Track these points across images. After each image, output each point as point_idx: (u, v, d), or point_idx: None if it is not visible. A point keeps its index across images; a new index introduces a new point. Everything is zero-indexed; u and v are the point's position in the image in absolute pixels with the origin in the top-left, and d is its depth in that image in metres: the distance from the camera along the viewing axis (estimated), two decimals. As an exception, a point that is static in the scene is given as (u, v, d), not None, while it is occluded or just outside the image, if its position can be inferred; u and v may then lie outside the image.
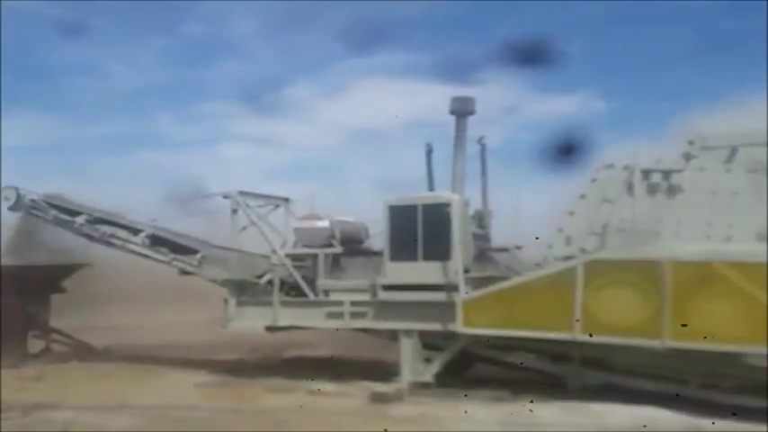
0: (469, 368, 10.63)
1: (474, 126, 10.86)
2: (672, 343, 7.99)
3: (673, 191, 8.61)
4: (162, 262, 11.50)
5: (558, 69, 32.79)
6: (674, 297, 7.97)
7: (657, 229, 8.57)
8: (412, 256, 9.73)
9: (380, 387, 9.42)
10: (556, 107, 34.69)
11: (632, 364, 8.83)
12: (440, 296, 9.53)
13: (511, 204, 11.23)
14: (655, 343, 8.09)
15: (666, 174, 8.61)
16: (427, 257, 9.65)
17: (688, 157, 8.57)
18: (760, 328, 7.58)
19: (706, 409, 8.10)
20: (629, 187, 8.67)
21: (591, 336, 8.40)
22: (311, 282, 10.68)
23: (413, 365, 9.75)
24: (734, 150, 8.36)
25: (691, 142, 8.57)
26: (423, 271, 9.64)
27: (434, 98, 10.67)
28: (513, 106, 33.99)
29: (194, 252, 11.33)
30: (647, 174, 8.68)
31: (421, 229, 9.68)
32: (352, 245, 10.82)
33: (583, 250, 8.95)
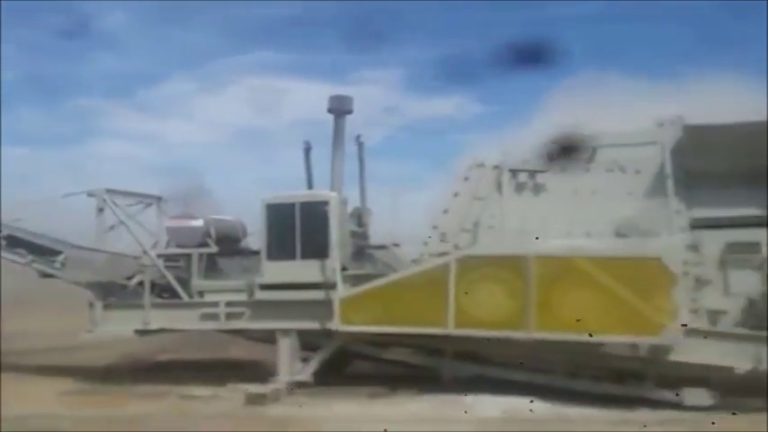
0: (348, 366, 10.68)
1: (356, 126, 10.92)
2: (537, 334, 8.34)
3: (538, 189, 9.02)
4: (20, 264, 10.74)
5: (437, 72, 33.56)
6: (538, 290, 8.33)
7: (524, 225, 8.92)
8: (290, 255, 9.62)
9: (256, 388, 9.23)
10: (435, 108, 35.57)
11: (503, 356, 9.15)
12: (318, 294, 9.48)
13: (390, 202, 11.45)
14: (521, 334, 8.42)
15: (532, 173, 9.00)
16: (305, 256, 9.58)
17: (551, 157, 8.98)
18: (617, 319, 8.06)
19: (571, 398, 8.52)
20: (499, 186, 9.00)
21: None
22: (185, 283, 10.34)
23: (290, 365, 9.64)
24: (593, 151, 8.86)
25: (553, 143, 9.00)
26: (300, 269, 9.56)
27: (318, 96, 10.66)
28: (393, 107, 34.63)
29: (57, 253, 10.66)
30: (514, 173, 9.03)
31: (299, 228, 9.60)
32: (228, 244, 10.57)
33: (456, 247, 9.21)
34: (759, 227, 8.27)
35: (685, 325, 7.91)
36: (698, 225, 8.44)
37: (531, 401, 8.39)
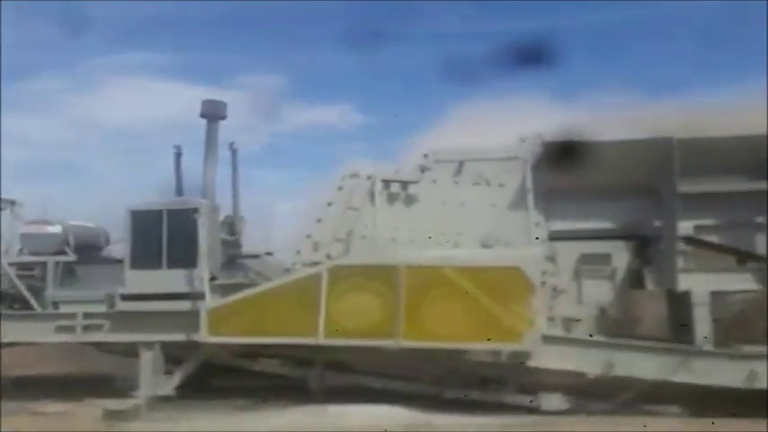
0: (215, 378, 10.39)
1: (236, 132, 10.70)
2: (405, 343, 8.47)
3: (410, 200, 9.19)
4: None
5: (322, 81, 33.58)
6: (407, 300, 8.47)
7: (395, 236, 9.08)
8: (155, 264, 9.29)
9: (114, 404, 8.77)
10: (317, 117, 35.58)
11: (372, 365, 9.22)
12: (184, 305, 9.17)
13: (265, 210, 11.32)
14: (390, 343, 8.52)
15: (404, 184, 9.17)
16: (172, 265, 9.28)
17: (423, 169, 9.21)
18: (480, 327, 8.33)
19: (437, 405, 8.70)
20: (372, 196, 9.10)
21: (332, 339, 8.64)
22: (40, 293, 9.71)
23: (153, 379, 9.27)
24: (461, 165, 9.16)
25: (426, 155, 9.25)
26: (167, 279, 9.24)
27: (194, 100, 10.36)
28: (275, 113, 34.29)
29: None
30: (387, 184, 9.17)
31: (166, 236, 9.30)
32: (88, 252, 10.03)
33: (329, 256, 9.21)
34: (611, 239, 8.85)
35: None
36: (555, 237, 8.91)
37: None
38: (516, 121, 9.92)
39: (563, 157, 8.54)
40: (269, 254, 10.55)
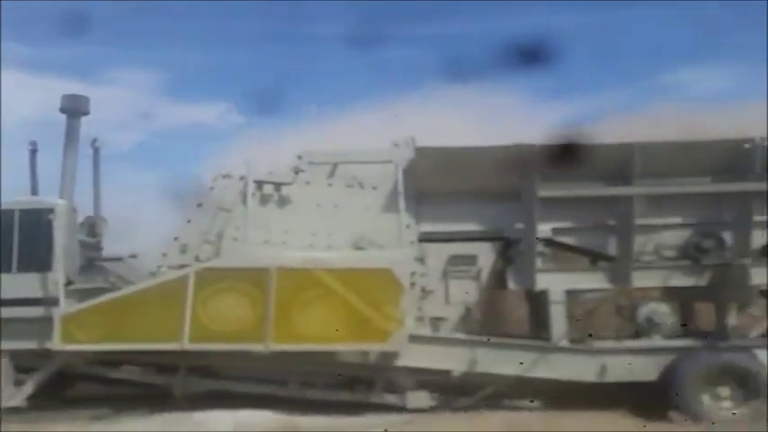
0: (71, 387, 9.83)
1: (109, 128, 10.14)
2: (275, 346, 8.37)
3: (283, 202, 9.08)
4: None
5: (197, 80, 32.48)
6: (278, 302, 8.37)
7: (268, 238, 8.95)
8: (5, 268, 8.69)
9: (-43, 417, 8.13)
10: (194, 116, 34.39)
11: (238, 370, 9.05)
12: (36, 311, 8.62)
13: (131, 212, 10.81)
14: (260, 347, 8.38)
15: (278, 185, 9.04)
16: (23, 268, 8.71)
17: (296, 170, 9.12)
18: (351, 328, 8.38)
19: (305, 407, 8.67)
20: (244, 197, 8.91)
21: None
22: None
23: (2, 389, 8.67)
24: (335, 167, 9.17)
25: (299, 157, 9.18)
26: (17, 283, 8.66)
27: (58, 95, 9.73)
28: (147, 111, 32.80)
29: None
30: (260, 185, 9.00)
31: (17, 237, 8.72)
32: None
33: (197, 258, 8.92)
34: (477, 241, 9.16)
35: None
36: (425, 239, 9.09)
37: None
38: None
39: (434, 161, 8.78)
40: (133, 257, 10.07)
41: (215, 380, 9.12)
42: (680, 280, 8.84)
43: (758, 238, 8.79)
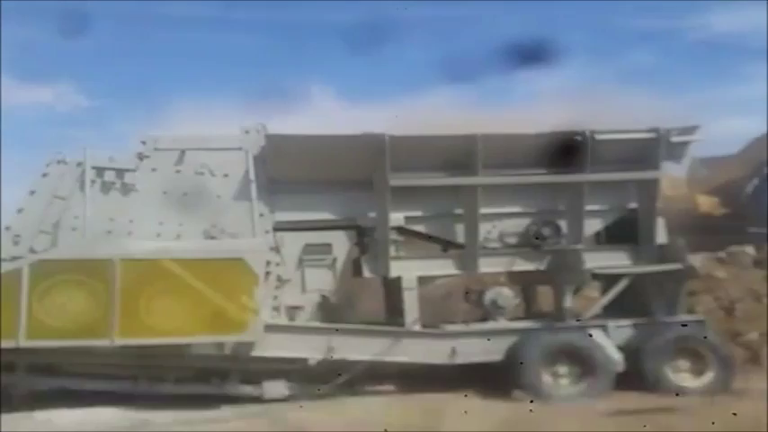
0: None
1: None
2: (120, 341, 8.04)
3: (127, 189, 8.66)
4: None
5: (39, 59, 30.08)
6: (123, 295, 8.03)
7: (111, 227, 8.52)
8: None
9: None
10: (33, 97, 31.88)
11: (84, 366, 8.58)
12: None
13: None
14: (105, 342, 8.03)
15: (120, 172, 8.61)
16: None
17: (141, 157, 8.73)
18: (204, 320, 8.22)
19: (156, 403, 8.38)
20: (82, 184, 8.42)
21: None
22: None
23: None
24: (183, 153, 8.84)
25: (143, 142, 8.78)
26: None
27: None
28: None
29: None
30: (100, 171, 8.54)
31: None
32: None
33: (32, 250, 8.33)
34: (332, 230, 9.21)
35: None
36: (280, 228, 9.02)
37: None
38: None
39: (285, 149, 8.70)
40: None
41: (58, 378, 8.59)
42: (522, 265, 9.36)
43: (591, 226, 9.48)
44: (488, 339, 8.97)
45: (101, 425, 7.84)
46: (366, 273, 9.21)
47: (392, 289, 9.49)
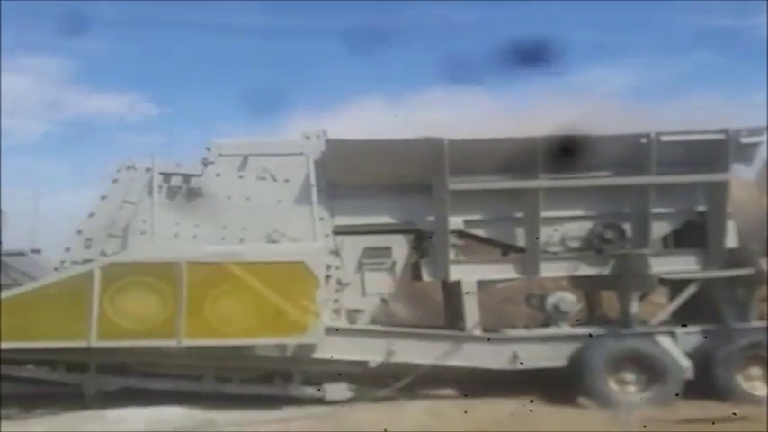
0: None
1: (8, 117, 9.67)
2: (187, 341, 8.23)
3: (192, 194, 8.89)
4: None
5: (111, 68, 31.38)
6: (190, 297, 8.22)
7: (177, 231, 8.76)
8: None
9: None
10: (103, 105, 33.20)
11: (152, 366, 8.83)
12: None
13: (32, 204, 10.35)
14: (172, 342, 8.23)
15: (186, 178, 8.86)
16: None
17: (205, 162, 8.96)
18: (267, 322, 8.33)
19: (221, 403, 8.56)
20: (150, 189, 8.68)
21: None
22: None
23: None
24: (246, 159, 9.03)
25: (208, 148, 9.01)
26: None
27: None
28: (55, 100, 31.51)
29: None
30: (167, 177, 8.80)
31: None
32: None
33: (103, 253, 8.65)
34: (391, 233, 9.24)
35: None
36: (339, 231, 9.10)
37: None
38: None
39: (345, 154, 8.79)
40: (35, 251, 9.67)
41: (128, 377, 8.87)
42: (585, 269, 9.19)
43: (657, 230, 9.23)
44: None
45: (168, 424, 8.02)
46: (425, 276, 9.22)
47: (452, 293, 9.48)
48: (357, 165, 8.76)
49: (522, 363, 8.77)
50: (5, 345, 8.13)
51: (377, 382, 8.97)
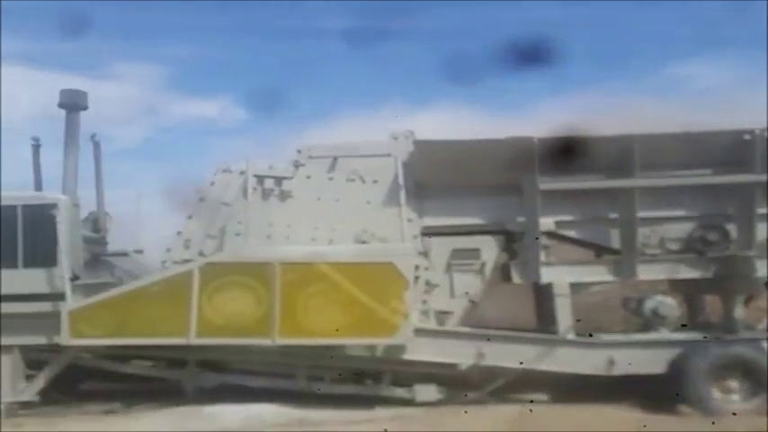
0: (82, 382, 9.93)
1: (110, 124, 10.24)
2: (281, 340, 8.42)
3: (284, 196, 9.08)
4: None
5: (203, 73, 32.58)
6: (283, 296, 8.39)
7: (270, 232, 8.97)
8: (10, 263, 8.71)
9: (-29, 412, 8.27)
10: (197, 110, 34.54)
11: (246, 364, 9.09)
12: (44, 306, 8.67)
13: (135, 206, 10.85)
14: (266, 341, 8.43)
15: (278, 180, 9.05)
16: (29, 264, 8.74)
17: (296, 165, 9.13)
18: (356, 322, 8.41)
19: (312, 401, 8.73)
20: (245, 192, 8.92)
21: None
22: None
23: (13, 384, 8.76)
24: (335, 161, 9.16)
25: (299, 151, 9.18)
26: (23, 279, 8.69)
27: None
28: (152, 106, 33.01)
29: None
30: (260, 179, 9.01)
31: (21, 233, 8.74)
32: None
33: (201, 253, 8.96)
34: (480, 234, 9.13)
35: None
36: (428, 232, 9.07)
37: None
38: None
39: (433, 154, 8.74)
40: (138, 252, 10.15)
41: (224, 374, 9.18)
42: (686, 272, 8.78)
43: (762, 231, 8.70)
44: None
45: (262, 421, 8.22)
46: (515, 278, 9.03)
47: (543, 295, 9.27)
48: (445, 165, 8.70)
49: (619, 368, 8.48)
50: (109, 341, 8.61)
51: (467, 385, 8.90)
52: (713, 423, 7.27)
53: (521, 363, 8.65)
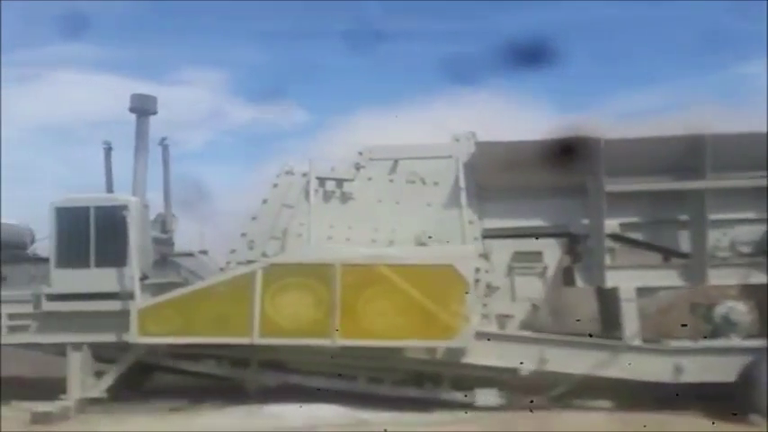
0: (149, 379, 10.20)
1: (177, 128, 10.55)
2: (341, 341, 8.45)
3: (345, 198, 9.14)
4: None
5: (264, 77, 33.19)
6: (343, 298, 8.44)
7: (331, 234, 9.04)
8: (83, 263, 9.02)
9: (43, 406, 8.55)
10: (259, 113, 35.24)
11: (307, 364, 9.16)
12: (114, 305, 8.95)
13: (200, 208, 11.12)
14: (326, 342, 8.48)
15: (340, 182, 9.12)
16: (100, 264, 9.03)
17: (357, 167, 9.18)
18: (416, 324, 8.39)
19: (371, 403, 8.75)
20: (307, 194, 9.02)
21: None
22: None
23: (82, 381, 9.04)
24: (396, 163, 9.17)
25: (360, 153, 9.22)
26: (95, 278, 8.99)
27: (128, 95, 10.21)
28: (217, 110, 33.82)
29: None
30: (322, 181, 9.10)
31: (93, 234, 9.03)
32: (12, 250, 9.66)
33: (264, 254, 9.09)
34: (542, 237, 8.99)
35: None
36: (489, 235, 8.98)
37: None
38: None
39: (495, 155, 8.65)
40: (203, 252, 10.39)
41: (286, 374, 9.27)
42: (758, 277, 8.45)
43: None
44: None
45: (323, 422, 8.29)
46: (579, 282, 8.86)
47: (607, 300, 9.06)
48: (507, 167, 8.58)
49: (687, 376, 8.24)
50: (175, 340, 8.81)
51: (529, 390, 8.77)
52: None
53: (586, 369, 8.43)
